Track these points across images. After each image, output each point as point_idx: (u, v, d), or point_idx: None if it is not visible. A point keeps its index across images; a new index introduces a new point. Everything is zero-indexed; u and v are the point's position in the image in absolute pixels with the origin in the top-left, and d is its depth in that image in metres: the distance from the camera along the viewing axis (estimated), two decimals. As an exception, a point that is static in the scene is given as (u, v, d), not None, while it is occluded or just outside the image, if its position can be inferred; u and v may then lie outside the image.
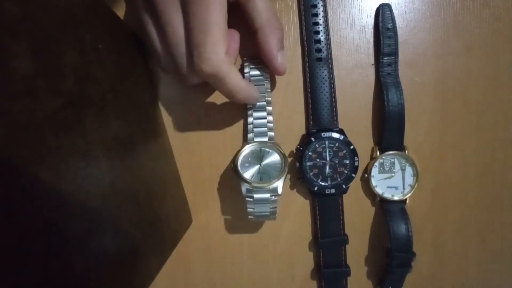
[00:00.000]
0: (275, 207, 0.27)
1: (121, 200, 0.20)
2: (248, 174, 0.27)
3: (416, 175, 0.30)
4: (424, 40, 0.30)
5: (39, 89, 0.14)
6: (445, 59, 0.30)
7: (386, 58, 0.29)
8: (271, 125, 0.28)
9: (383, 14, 0.29)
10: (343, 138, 0.29)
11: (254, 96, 0.26)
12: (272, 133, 0.28)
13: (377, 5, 0.29)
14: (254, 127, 0.28)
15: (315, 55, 0.29)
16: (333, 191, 0.29)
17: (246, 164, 0.27)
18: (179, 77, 0.26)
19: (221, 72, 0.23)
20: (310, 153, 0.29)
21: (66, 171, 0.15)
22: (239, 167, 0.27)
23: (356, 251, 0.32)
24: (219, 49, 0.22)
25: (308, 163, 0.29)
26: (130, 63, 0.26)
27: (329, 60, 0.29)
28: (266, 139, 0.27)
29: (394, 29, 0.29)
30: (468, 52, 0.30)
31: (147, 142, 0.25)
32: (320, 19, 0.29)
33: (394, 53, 0.29)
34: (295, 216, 0.31)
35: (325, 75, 0.29)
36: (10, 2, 0.14)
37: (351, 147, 0.29)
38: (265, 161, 0.27)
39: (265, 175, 0.27)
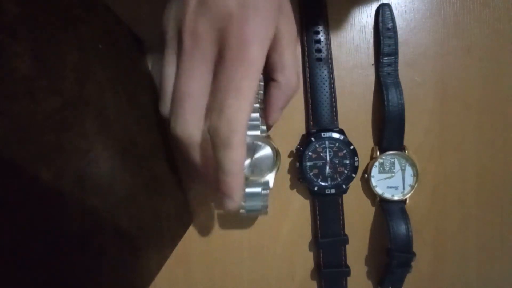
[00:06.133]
0: (267, 201, 0.27)
1: (121, 200, 0.20)
2: None
3: (416, 175, 0.30)
4: (424, 40, 0.30)
5: (39, 89, 0.14)
6: (445, 59, 0.30)
7: (386, 58, 0.29)
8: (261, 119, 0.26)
9: (383, 14, 0.29)
10: (343, 138, 0.29)
11: (234, 197, 0.22)
12: (264, 127, 0.27)
13: (377, 5, 0.29)
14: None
15: (315, 55, 0.29)
16: (333, 191, 0.29)
17: None
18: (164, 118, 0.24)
19: (234, 141, 0.20)
20: (310, 153, 0.29)
21: (66, 171, 0.15)
22: None
23: (356, 251, 0.32)
24: (244, 116, 0.20)
25: (308, 163, 0.29)
26: (130, 63, 0.26)
27: (329, 60, 0.29)
28: (258, 132, 0.26)
29: (394, 29, 0.29)
30: (468, 52, 0.30)
31: (147, 141, 0.25)
32: (320, 19, 0.29)
33: (394, 53, 0.29)
34: (295, 216, 0.31)
35: (325, 75, 0.29)
36: (10, 2, 0.14)
37: (351, 147, 0.29)
38: (257, 155, 0.27)
39: (256, 169, 0.27)
